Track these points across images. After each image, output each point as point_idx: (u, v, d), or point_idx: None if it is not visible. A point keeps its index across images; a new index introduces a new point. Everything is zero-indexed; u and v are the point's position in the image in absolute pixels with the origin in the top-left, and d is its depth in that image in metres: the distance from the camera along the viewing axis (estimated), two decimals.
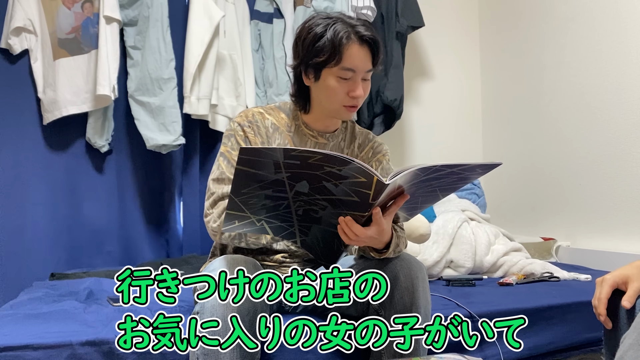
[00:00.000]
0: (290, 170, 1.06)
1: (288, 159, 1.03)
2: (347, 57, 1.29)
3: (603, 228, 2.37)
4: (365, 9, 2.58)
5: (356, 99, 1.33)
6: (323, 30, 1.29)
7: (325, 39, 1.28)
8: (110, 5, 2.22)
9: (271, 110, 1.43)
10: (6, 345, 1.21)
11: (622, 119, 2.27)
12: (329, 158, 1.03)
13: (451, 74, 3.17)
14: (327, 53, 1.28)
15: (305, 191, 1.11)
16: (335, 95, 1.32)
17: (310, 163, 1.04)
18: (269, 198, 1.13)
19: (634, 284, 1.07)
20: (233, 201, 1.11)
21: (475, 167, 1.14)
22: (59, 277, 2.08)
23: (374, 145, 1.50)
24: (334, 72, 1.30)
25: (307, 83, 1.37)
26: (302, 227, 1.23)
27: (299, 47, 1.34)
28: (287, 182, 1.09)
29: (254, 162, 1.03)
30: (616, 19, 2.29)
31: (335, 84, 1.31)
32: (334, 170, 1.05)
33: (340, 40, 1.28)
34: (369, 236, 1.16)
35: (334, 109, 1.35)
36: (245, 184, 1.08)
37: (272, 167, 1.05)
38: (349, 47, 1.29)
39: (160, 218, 2.48)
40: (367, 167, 1.03)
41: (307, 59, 1.32)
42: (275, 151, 1.02)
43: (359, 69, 1.31)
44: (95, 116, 2.30)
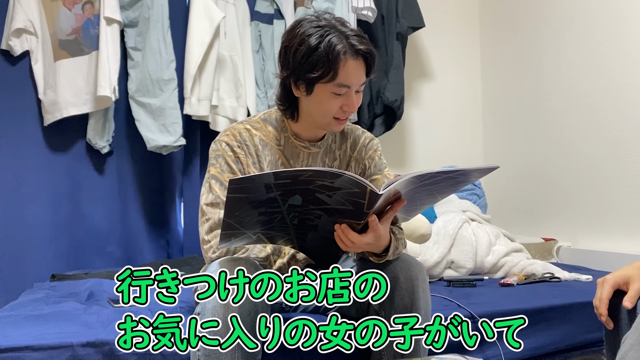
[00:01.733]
0: (282, 188, 1.05)
1: (279, 180, 1.03)
2: (343, 74, 1.24)
3: (604, 228, 2.36)
4: (366, 9, 2.58)
5: (349, 112, 1.29)
6: (317, 43, 1.22)
7: (320, 52, 1.22)
8: (111, 7, 2.22)
9: (257, 125, 1.38)
10: (7, 346, 1.21)
11: (623, 120, 2.27)
12: (319, 173, 1.02)
13: (451, 75, 3.17)
14: (322, 69, 1.23)
15: (299, 204, 1.11)
16: (327, 110, 1.28)
17: (301, 180, 1.04)
18: (263, 214, 1.12)
19: (635, 284, 1.06)
20: (227, 223, 1.11)
21: (471, 171, 1.14)
22: (59, 278, 2.08)
23: (365, 142, 1.46)
24: (328, 87, 1.25)
25: (297, 94, 1.31)
26: (298, 234, 1.23)
27: (289, 58, 1.27)
28: (280, 199, 1.08)
29: (245, 188, 1.03)
30: (616, 21, 2.29)
31: (328, 99, 1.27)
32: (325, 183, 1.04)
33: (337, 56, 1.22)
34: (365, 243, 1.16)
35: (324, 122, 1.31)
36: (238, 207, 1.07)
37: (263, 190, 1.04)
38: (345, 62, 1.23)
39: (160, 219, 2.48)
40: (359, 179, 1.03)
41: (298, 72, 1.25)
42: (265, 176, 1.02)
43: (354, 84, 1.26)
44: (95, 117, 2.30)
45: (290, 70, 1.27)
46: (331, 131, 1.37)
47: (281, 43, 1.31)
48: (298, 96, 1.32)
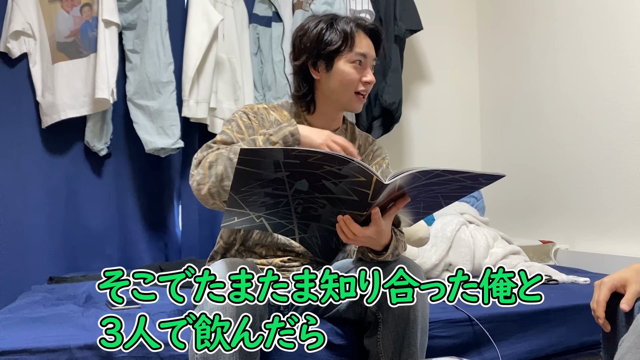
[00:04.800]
0: (290, 169, 1.06)
1: (288, 159, 1.04)
2: (359, 43, 1.36)
3: (602, 231, 2.37)
4: (364, 12, 2.58)
5: (368, 84, 1.38)
6: (328, 24, 1.36)
7: (334, 29, 1.35)
8: (109, 9, 2.22)
9: (274, 108, 1.46)
10: (4, 349, 1.21)
11: (621, 122, 2.28)
12: (328, 157, 1.03)
13: (449, 78, 3.17)
14: (340, 41, 1.34)
15: (304, 189, 1.12)
16: (350, 81, 1.36)
17: (310, 162, 1.04)
18: (269, 195, 1.13)
19: (632, 286, 1.07)
20: (232, 199, 1.12)
21: (477, 176, 1.14)
22: (57, 280, 2.08)
23: (374, 149, 1.51)
24: (348, 57, 1.36)
25: (317, 76, 1.39)
26: (301, 224, 1.24)
27: (305, 42, 1.37)
28: (287, 181, 1.10)
29: (255, 162, 1.04)
30: (613, 22, 2.30)
31: (350, 69, 1.36)
32: (333, 169, 1.05)
33: (351, 29, 1.35)
34: (367, 236, 1.17)
35: (346, 98, 1.38)
36: (245, 182, 1.08)
37: (272, 167, 1.05)
38: (358, 35, 1.36)
39: (158, 221, 2.48)
40: (366, 167, 1.04)
41: (317, 51, 1.36)
42: (276, 151, 1.03)
43: (369, 55, 1.38)
44: (94, 120, 2.30)
45: (308, 52, 1.37)
46: (352, 110, 1.43)
47: (293, 39, 1.42)
48: (317, 78, 1.39)
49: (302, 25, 1.40)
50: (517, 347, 1.56)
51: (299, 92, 1.42)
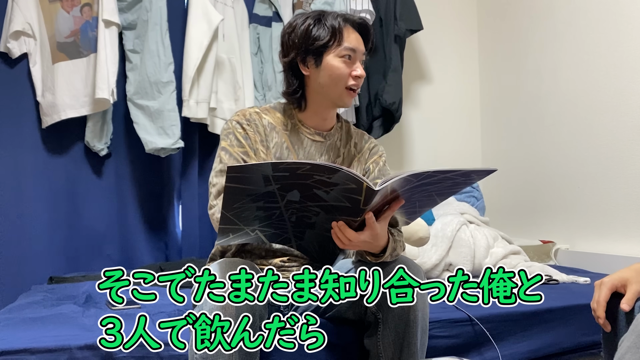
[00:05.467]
0: (280, 182, 1.06)
1: (277, 172, 1.04)
2: (347, 38, 1.36)
3: (602, 231, 2.37)
4: (364, 12, 2.58)
5: (358, 78, 1.37)
6: (316, 20, 1.36)
7: (322, 25, 1.35)
8: (109, 9, 2.22)
9: (266, 111, 1.45)
10: (4, 349, 1.21)
11: (621, 122, 2.27)
12: (317, 167, 1.03)
13: (450, 77, 3.17)
14: (328, 36, 1.34)
15: (296, 199, 1.12)
16: (339, 76, 1.36)
17: (299, 174, 1.04)
18: (261, 209, 1.13)
19: (632, 286, 1.07)
20: (225, 217, 1.12)
21: (469, 172, 1.14)
22: (57, 280, 2.08)
23: (371, 147, 1.51)
24: (337, 52, 1.35)
25: (306, 72, 1.38)
26: (296, 232, 1.24)
27: (294, 39, 1.37)
28: (279, 193, 1.09)
29: (243, 178, 1.04)
30: (613, 23, 2.30)
31: (339, 64, 1.35)
32: (323, 178, 1.05)
33: (339, 24, 1.35)
34: (362, 240, 1.17)
35: (336, 93, 1.38)
36: (236, 199, 1.08)
37: (261, 181, 1.05)
38: (346, 29, 1.36)
39: (159, 221, 2.48)
40: (355, 174, 1.04)
41: (306, 46, 1.36)
42: (263, 166, 1.03)
43: (358, 49, 1.37)
44: (94, 120, 2.30)
45: (297, 48, 1.37)
46: (343, 105, 1.42)
47: (282, 36, 1.41)
48: (307, 74, 1.39)
49: (290, 22, 1.40)
50: (518, 347, 1.56)
51: (289, 88, 1.42)
